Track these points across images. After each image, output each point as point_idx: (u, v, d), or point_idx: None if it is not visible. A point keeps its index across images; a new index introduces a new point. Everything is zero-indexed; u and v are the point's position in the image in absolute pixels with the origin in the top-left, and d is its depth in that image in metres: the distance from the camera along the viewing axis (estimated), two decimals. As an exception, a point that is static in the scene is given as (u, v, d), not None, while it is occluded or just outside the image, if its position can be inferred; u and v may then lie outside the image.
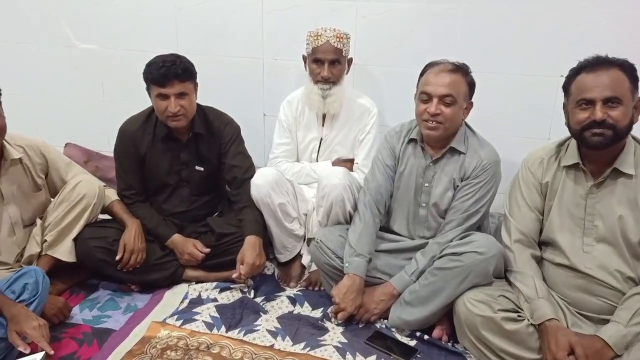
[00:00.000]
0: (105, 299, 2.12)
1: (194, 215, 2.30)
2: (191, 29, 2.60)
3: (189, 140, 2.21)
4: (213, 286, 2.19)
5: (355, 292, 1.94)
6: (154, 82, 2.02)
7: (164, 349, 1.83)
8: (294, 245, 2.28)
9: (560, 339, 1.56)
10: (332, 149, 2.35)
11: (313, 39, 2.15)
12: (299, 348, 1.86)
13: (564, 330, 1.60)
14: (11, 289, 1.73)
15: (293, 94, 2.39)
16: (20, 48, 2.75)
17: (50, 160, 2.10)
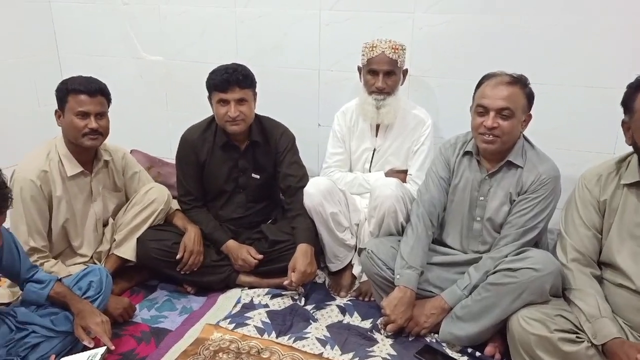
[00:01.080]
0: (163, 299, 2.21)
1: (248, 222, 2.36)
2: (251, 41, 2.68)
3: (247, 148, 2.28)
4: (265, 292, 2.23)
5: (406, 304, 1.93)
6: (215, 88, 2.11)
7: (217, 351, 1.88)
8: (345, 254, 2.29)
9: (629, 351, 1.48)
10: (385, 159, 2.36)
11: (368, 50, 2.17)
12: (348, 358, 1.87)
13: (629, 343, 1.52)
14: (78, 286, 1.85)
15: (347, 105, 2.42)
16: (95, 60, 2.94)
17: (129, 167, 2.26)
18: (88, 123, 1.97)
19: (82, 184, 2.11)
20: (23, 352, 1.66)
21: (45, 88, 2.88)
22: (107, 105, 2.06)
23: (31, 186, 1.95)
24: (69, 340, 1.74)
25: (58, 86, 2.03)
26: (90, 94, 1.99)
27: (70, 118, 1.98)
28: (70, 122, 1.98)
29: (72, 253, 2.14)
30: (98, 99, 2.01)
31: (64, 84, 2.02)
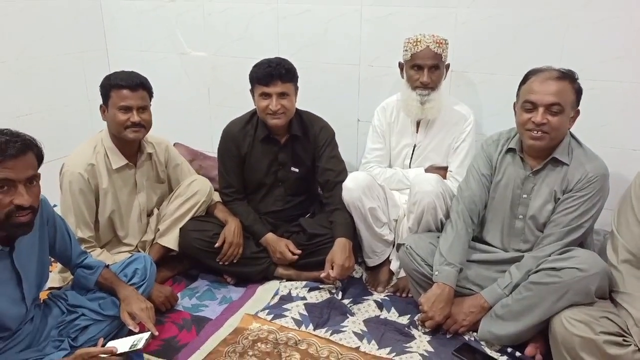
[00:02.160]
0: (203, 289, 2.26)
1: (287, 215, 2.39)
2: (292, 37, 2.70)
3: (286, 141, 2.31)
4: (303, 285, 2.26)
5: (444, 301, 1.91)
6: (258, 81, 2.15)
7: (255, 341, 1.92)
8: (383, 250, 2.29)
9: None
10: (425, 155, 2.34)
11: (412, 45, 2.16)
12: (385, 352, 1.87)
13: None
14: (124, 273, 1.91)
15: (388, 100, 2.41)
16: (141, 55, 3.03)
17: (172, 159, 2.32)
18: (130, 117, 2.03)
19: (127, 176, 2.18)
20: (73, 333, 1.73)
21: (94, 83, 2.96)
22: (148, 98, 2.11)
23: (79, 179, 2.03)
24: (115, 324, 1.80)
25: (102, 82, 2.10)
26: (132, 89, 2.04)
27: (113, 112, 2.04)
28: (114, 117, 2.04)
29: (118, 242, 2.22)
30: (139, 93, 2.06)
31: (107, 80, 2.08)
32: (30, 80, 2.70)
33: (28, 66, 2.69)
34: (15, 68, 2.63)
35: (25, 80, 2.68)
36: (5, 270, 1.55)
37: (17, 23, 2.61)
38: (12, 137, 1.44)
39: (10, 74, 2.60)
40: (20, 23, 2.63)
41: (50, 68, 2.80)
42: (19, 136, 1.47)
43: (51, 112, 2.80)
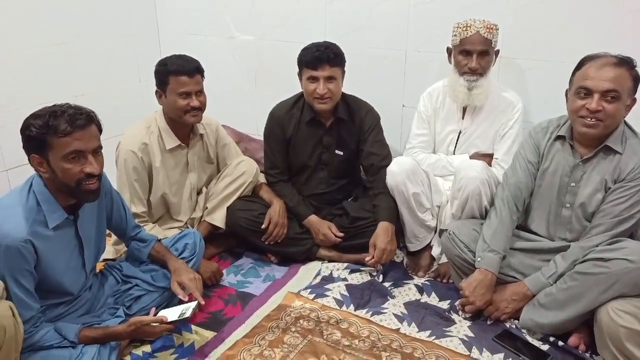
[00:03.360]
0: (248, 267, 2.34)
1: (330, 198, 2.43)
2: (339, 21, 2.71)
3: (332, 125, 2.34)
4: (344, 267, 2.30)
5: (486, 287, 1.92)
6: (306, 65, 2.18)
7: (298, 318, 1.98)
8: (425, 235, 2.30)
9: None
10: (470, 142, 2.32)
11: (461, 30, 2.14)
12: (424, 335, 1.89)
13: None
14: (174, 247, 2.01)
15: (434, 86, 2.40)
16: (191, 39, 3.10)
17: (221, 139, 2.40)
18: (190, 102, 2.10)
19: (179, 156, 2.26)
20: (128, 302, 1.84)
21: (146, 65, 3.07)
22: (202, 81, 2.18)
23: (133, 157, 2.12)
24: (166, 295, 1.90)
25: (157, 67, 2.16)
26: (190, 74, 2.10)
27: (173, 98, 2.10)
28: (174, 102, 2.11)
29: (169, 218, 2.32)
30: (196, 78, 2.13)
31: (163, 66, 2.13)
32: (86, 62, 2.82)
33: (85, 48, 2.80)
34: (74, 50, 2.74)
35: (82, 61, 2.80)
36: (70, 238, 1.66)
37: (76, 7, 2.72)
38: (77, 110, 1.53)
39: (69, 56, 2.72)
40: (78, 7, 2.73)
41: (105, 50, 2.91)
42: (82, 109, 1.56)
43: (105, 93, 2.91)
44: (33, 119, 1.52)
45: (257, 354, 1.79)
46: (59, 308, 1.70)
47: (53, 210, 1.58)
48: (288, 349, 1.82)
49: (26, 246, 1.50)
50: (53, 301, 1.67)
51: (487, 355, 1.79)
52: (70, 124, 1.49)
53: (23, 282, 1.51)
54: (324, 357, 1.78)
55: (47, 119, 1.49)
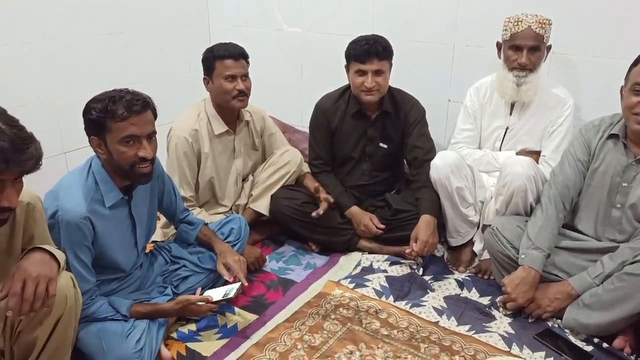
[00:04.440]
0: (289, 254, 2.39)
1: (372, 190, 2.45)
2: (387, 14, 2.71)
3: (377, 117, 2.35)
4: (384, 258, 2.32)
5: (529, 284, 1.90)
6: (355, 58, 2.19)
7: (337, 306, 2.01)
8: (467, 231, 2.28)
9: None
10: (517, 138, 2.29)
11: (512, 24, 2.11)
12: (464, 329, 1.89)
13: None
14: (220, 231, 2.07)
15: (482, 81, 2.38)
16: (240, 30, 3.16)
17: (267, 127, 2.45)
18: (236, 85, 2.16)
19: (226, 142, 2.32)
20: (175, 281, 1.91)
21: (196, 55, 3.15)
22: (247, 67, 2.23)
23: (184, 143, 2.20)
24: (211, 277, 1.97)
25: (204, 55, 2.24)
26: (235, 58, 2.18)
27: (219, 82, 2.18)
28: (220, 86, 2.18)
29: (215, 203, 2.39)
30: (241, 62, 2.20)
31: (209, 52, 2.22)
32: (140, 51, 2.92)
33: (140, 38, 2.90)
34: (130, 39, 2.84)
35: (137, 50, 2.89)
36: (124, 217, 1.74)
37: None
38: (134, 96, 1.60)
39: (125, 45, 2.82)
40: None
41: (158, 40, 3.00)
42: (140, 94, 1.63)
43: (157, 81, 3.00)
44: (94, 102, 1.60)
45: (297, 338, 1.84)
46: (112, 284, 1.79)
47: (110, 190, 1.66)
48: (327, 335, 1.86)
49: (85, 222, 1.59)
50: (107, 277, 1.76)
51: (527, 352, 1.78)
52: (127, 109, 1.56)
53: (81, 257, 1.60)
54: (363, 345, 1.81)
55: (106, 104, 1.57)
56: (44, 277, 1.27)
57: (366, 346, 1.80)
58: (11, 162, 1.13)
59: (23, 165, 1.16)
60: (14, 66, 2.35)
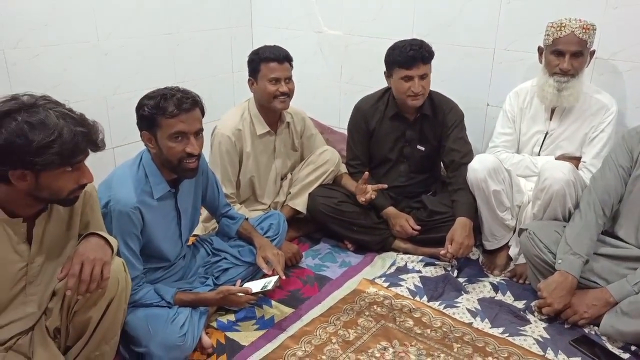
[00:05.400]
0: (325, 251, 2.44)
1: (409, 192, 2.48)
2: (427, 18, 2.73)
3: (415, 120, 2.38)
4: (419, 259, 2.34)
5: (566, 290, 1.89)
6: (401, 65, 2.21)
7: (372, 304, 2.05)
8: (503, 234, 2.28)
9: None
10: (557, 144, 2.28)
11: (555, 29, 2.10)
12: (498, 332, 1.90)
13: None
14: (260, 226, 2.14)
15: (522, 85, 2.37)
16: (281, 33, 3.23)
17: (307, 128, 2.52)
18: (279, 87, 2.23)
19: (268, 142, 2.40)
20: (216, 273, 2.00)
21: (239, 56, 3.28)
22: (291, 69, 2.30)
23: (227, 141, 2.28)
24: (250, 270, 2.04)
25: (250, 57, 2.31)
26: (280, 61, 2.24)
27: (263, 84, 2.24)
28: (264, 88, 2.24)
29: (254, 201, 2.47)
30: (285, 65, 2.26)
31: (255, 54, 2.29)
32: (187, 51, 3.02)
33: (187, 39, 3.01)
34: (178, 40, 2.95)
35: (184, 51, 3.00)
36: (170, 209, 1.82)
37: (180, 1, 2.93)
38: (184, 94, 1.68)
39: (173, 46, 2.94)
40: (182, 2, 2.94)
41: (204, 41, 3.11)
42: (189, 93, 1.71)
43: (202, 81, 3.11)
44: (147, 99, 1.69)
45: (332, 332, 1.88)
46: (157, 272, 1.88)
47: (158, 183, 1.75)
48: (361, 330, 1.90)
49: (135, 212, 1.68)
50: (153, 265, 1.85)
51: (562, 357, 1.78)
52: (177, 107, 1.64)
53: (131, 244, 1.69)
54: (396, 342, 1.84)
55: (158, 101, 1.65)
56: (100, 260, 1.36)
57: (400, 343, 1.84)
58: (90, 143, 1.28)
59: (98, 145, 1.31)
60: (71, 64, 2.49)
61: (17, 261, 1.39)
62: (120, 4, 2.63)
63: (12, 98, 1.27)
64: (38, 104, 1.27)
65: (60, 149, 1.24)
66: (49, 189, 1.30)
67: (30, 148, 1.21)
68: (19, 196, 1.31)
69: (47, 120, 1.24)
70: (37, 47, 2.35)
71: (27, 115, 1.23)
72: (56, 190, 1.31)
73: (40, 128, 1.22)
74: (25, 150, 1.21)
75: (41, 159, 1.23)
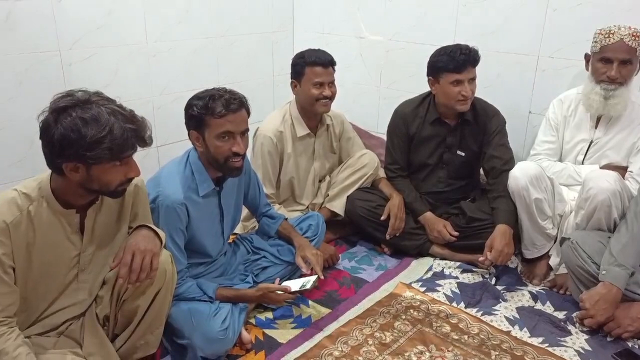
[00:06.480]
0: (362, 254, 2.45)
1: (447, 197, 2.47)
2: (471, 24, 2.72)
3: (456, 125, 2.37)
4: (456, 265, 2.33)
5: (609, 302, 1.85)
6: (452, 70, 2.20)
7: (408, 307, 2.05)
8: (543, 244, 2.25)
9: None
10: (602, 153, 2.23)
11: (603, 36, 2.07)
12: (537, 341, 1.88)
13: None
14: (299, 227, 2.18)
15: (567, 93, 2.34)
16: (323, 38, 3.28)
17: (345, 131, 2.55)
18: (322, 91, 2.27)
19: (307, 144, 2.43)
20: (256, 271, 2.04)
21: (280, 60, 3.34)
22: (334, 73, 2.33)
23: (269, 142, 2.33)
24: (289, 269, 2.08)
25: (294, 60, 2.36)
26: (324, 66, 2.28)
27: (307, 87, 2.29)
28: (307, 91, 2.29)
29: (293, 202, 2.51)
30: (330, 69, 2.30)
31: (300, 58, 2.33)
32: (230, 54, 3.10)
33: (231, 42, 3.08)
34: (222, 44, 3.03)
35: (227, 54, 3.08)
36: (214, 207, 1.88)
37: (227, 5, 3.01)
38: (232, 95, 1.73)
39: (217, 49, 3.01)
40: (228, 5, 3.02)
41: (246, 45, 3.17)
42: (236, 94, 1.76)
43: (243, 84, 3.17)
44: (196, 99, 1.74)
45: (368, 334, 1.89)
46: (199, 268, 1.93)
47: (204, 180, 1.80)
48: (398, 334, 1.90)
49: (181, 208, 1.73)
50: (195, 261, 1.90)
51: (604, 370, 1.74)
52: (225, 107, 1.69)
53: (176, 239, 1.75)
54: (433, 347, 1.84)
55: (206, 101, 1.70)
56: (150, 251, 1.42)
57: (436, 348, 1.83)
58: (139, 139, 1.34)
59: (146, 141, 1.37)
60: (122, 65, 2.58)
61: (70, 249, 1.46)
62: (169, 9, 2.72)
63: (68, 94, 1.34)
64: (91, 101, 1.33)
65: (110, 144, 1.29)
66: (99, 181, 1.36)
67: (83, 143, 1.27)
68: (72, 187, 1.38)
69: (99, 116, 1.29)
70: (91, 48, 2.45)
71: (81, 111, 1.29)
72: (105, 182, 1.37)
73: (92, 124, 1.28)
74: (78, 145, 1.28)
75: (93, 153, 1.29)
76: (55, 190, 1.39)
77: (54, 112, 1.29)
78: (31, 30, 2.24)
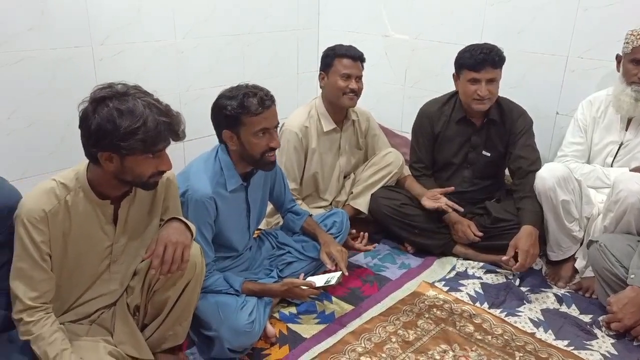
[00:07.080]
0: (384, 252, 2.46)
1: (471, 197, 2.46)
2: (497, 24, 2.70)
3: (482, 125, 2.36)
4: (479, 265, 2.32)
5: (637, 306, 1.83)
6: (469, 67, 2.22)
7: (431, 306, 2.05)
8: (570, 246, 2.23)
9: None
10: (632, 155, 2.20)
11: (635, 37, 2.04)
12: (562, 344, 1.86)
13: None
14: (323, 223, 2.19)
15: (596, 94, 2.31)
16: (347, 36, 3.26)
17: (371, 128, 2.56)
18: (349, 84, 2.28)
19: (333, 139, 2.45)
20: (280, 266, 2.06)
21: (305, 58, 3.35)
22: (362, 69, 2.35)
23: (295, 138, 2.34)
24: (313, 265, 2.09)
25: (325, 52, 2.39)
26: (354, 59, 2.30)
27: (334, 79, 2.30)
28: (335, 83, 2.30)
29: (316, 197, 2.52)
30: (358, 64, 2.32)
31: (331, 50, 2.36)
32: (256, 52, 3.12)
33: (256, 40, 3.10)
34: (248, 41, 3.05)
35: (252, 51, 3.10)
36: (241, 201, 1.90)
37: (251, 4, 3.03)
38: (262, 92, 1.75)
39: (243, 46, 3.04)
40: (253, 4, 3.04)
41: (272, 43, 3.20)
42: (266, 90, 1.78)
43: (268, 81, 3.17)
44: (227, 99, 1.75)
45: (391, 331, 1.90)
46: (225, 261, 1.95)
47: (232, 176, 1.83)
48: (421, 332, 1.90)
49: (210, 202, 1.76)
50: (222, 254, 1.93)
51: (631, 375, 1.72)
52: (261, 105, 1.72)
53: (204, 232, 1.78)
54: (456, 346, 1.84)
55: (241, 100, 1.72)
56: (181, 244, 1.45)
57: (460, 347, 1.83)
58: (172, 132, 1.36)
59: (179, 135, 1.40)
60: (151, 61, 2.62)
61: (104, 240, 1.50)
62: (197, 7, 2.75)
63: (108, 86, 1.37)
64: (129, 93, 1.36)
65: (144, 136, 1.32)
66: (132, 172, 1.39)
67: (118, 133, 1.30)
68: (107, 178, 1.41)
69: (134, 108, 1.32)
70: (121, 44, 2.49)
71: (118, 102, 1.32)
72: (138, 174, 1.40)
73: (127, 115, 1.31)
74: (113, 135, 1.31)
75: (126, 143, 1.31)
76: (91, 180, 1.42)
77: (92, 103, 1.33)
78: (65, 26, 2.29)
